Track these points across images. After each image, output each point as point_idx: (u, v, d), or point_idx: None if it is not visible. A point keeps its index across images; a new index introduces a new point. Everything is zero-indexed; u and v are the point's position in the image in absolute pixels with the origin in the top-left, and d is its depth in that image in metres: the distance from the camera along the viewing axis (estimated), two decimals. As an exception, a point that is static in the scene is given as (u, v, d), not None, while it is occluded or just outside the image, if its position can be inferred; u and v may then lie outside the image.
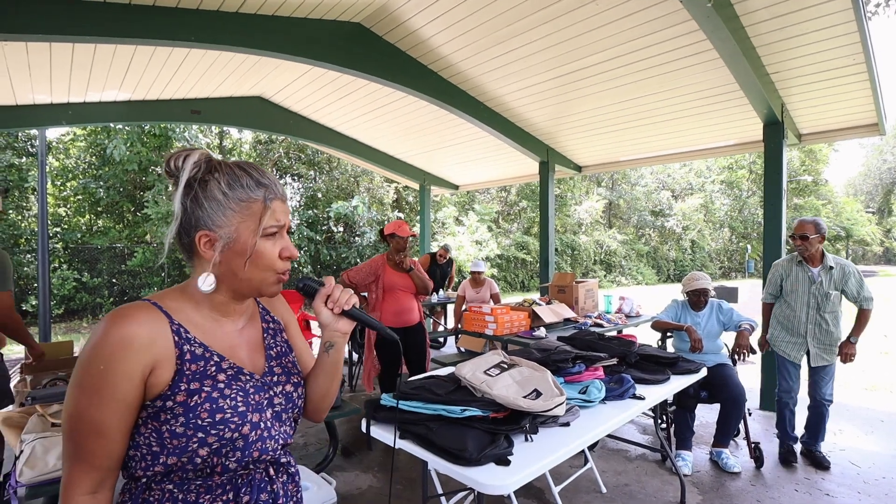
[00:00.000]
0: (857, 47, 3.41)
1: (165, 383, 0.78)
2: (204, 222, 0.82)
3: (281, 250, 0.86)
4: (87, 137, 11.52)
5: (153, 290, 11.32)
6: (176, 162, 0.83)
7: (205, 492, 0.82)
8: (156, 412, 0.78)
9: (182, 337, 0.81)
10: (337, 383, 1.01)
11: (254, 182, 0.84)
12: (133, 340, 0.75)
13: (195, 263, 0.86)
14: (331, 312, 0.92)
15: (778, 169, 4.39)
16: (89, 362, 0.74)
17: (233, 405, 0.81)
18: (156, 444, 0.78)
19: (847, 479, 3.08)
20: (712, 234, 28.58)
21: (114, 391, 0.74)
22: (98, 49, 3.78)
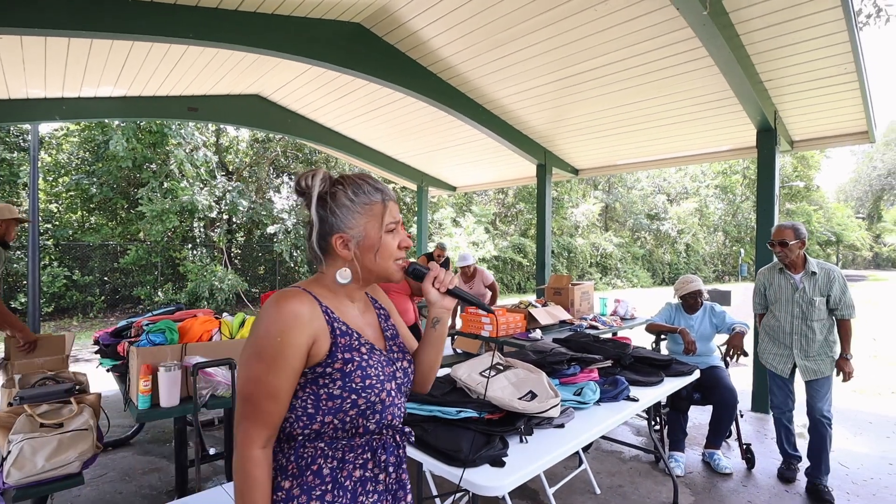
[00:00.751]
0: (849, 56, 3.46)
1: (324, 353, 0.94)
2: (338, 227, 0.98)
3: (399, 241, 1.02)
4: (81, 133, 11.42)
5: (146, 289, 11.25)
6: (306, 181, 0.99)
7: (349, 450, 0.97)
8: (315, 377, 0.93)
9: (331, 316, 0.97)
10: (441, 356, 1.16)
11: (372, 188, 1.01)
12: (300, 316, 0.91)
13: (327, 261, 1.02)
14: (437, 292, 1.07)
15: (770, 175, 4.44)
16: (267, 335, 0.89)
17: (376, 373, 0.97)
18: (311, 406, 0.93)
19: (836, 481, 3.12)
20: (706, 237, 28.77)
21: (288, 359, 0.90)
22: (94, 44, 3.76)
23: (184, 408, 2.26)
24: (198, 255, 12.21)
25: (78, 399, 2.32)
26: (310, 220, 0.99)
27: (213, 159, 12.28)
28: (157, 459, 3.39)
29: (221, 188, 12.25)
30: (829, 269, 2.95)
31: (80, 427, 2.14)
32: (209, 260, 12.25)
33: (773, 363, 3.12)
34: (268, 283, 13.72)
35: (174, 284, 11.83)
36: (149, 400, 2.21)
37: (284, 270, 13.79)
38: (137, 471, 3.20)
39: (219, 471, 3.14)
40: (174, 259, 11.93)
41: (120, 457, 3.42)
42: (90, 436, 2.14)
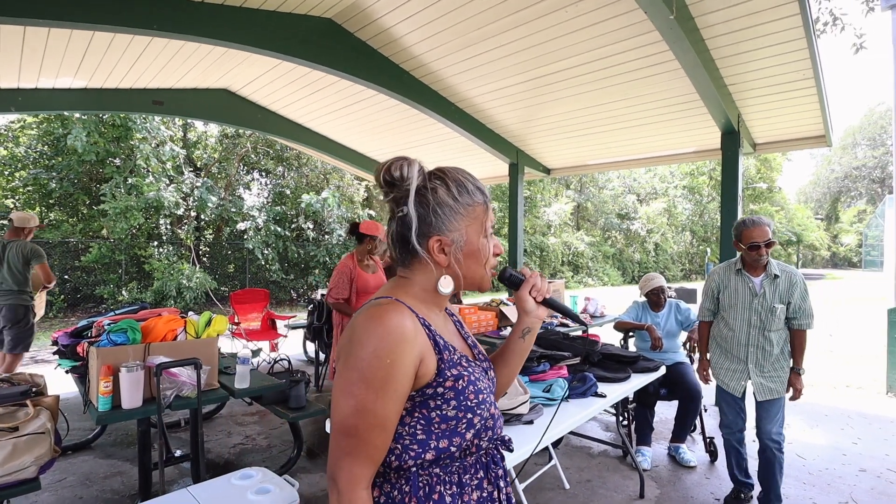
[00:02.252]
0: (807, 63, 3.61)
1: (432, 372, 0.83)
2: (438, 228, 0.87)
3: (493, 247, 0.93)
4: (40, 125, 10.91)
5: (109, 288, 10.85)
6: (401, 170, 0.86)
7: (463, 472, 0.87)
8: (424, 400, 0.83)
9: (430, 329, 0.86)
10: (520, 367, 1.09)
11: (475, 187, 0.90)
12: (407, 333, 0.80)
13: (414, 267, 0.90)
14: (534, 301, 0.98)
15: (734, 176, 4.59)
16: (375, 358, 0.77)
17: (482, 387, 0.88)
18: (422, 431, 0.83)
19: (793, 471, 3.26)
20: (675, 237, 29.59)
21: (398, 383, 0.78)
22: (52, 33, 3.60)
23: (146, 409, 2.20)
24: (164, 253, 11.84)
25: (34, 402, 2.22)
26: (404, 216, 0.87)
27: (180, 154, 11.91)
28: (119, 463, 3.28)
29: (189, 184, 11.91)
30: (791, 272, 2.57)
31: (36, 430, 2.06)
32: (176, 258, 11.90)
33: (725, 380, 2.68)
34: (238, 281, 13.43)
35: (139, 283, 11.44)
36: (110, 402, 2.14)
37: (254, 269, 13.52)
38: (99, 475, 3.09)
39: (184, 473, 3.06)
40: (139, 257, 11.53)
41: (80, 461, 3.30)
42: (47, 439, 2.06)
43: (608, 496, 2.89)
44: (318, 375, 5.27)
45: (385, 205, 0.93)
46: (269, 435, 3.82)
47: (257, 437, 3.77)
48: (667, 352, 3.53)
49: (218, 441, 3.67)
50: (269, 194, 14.64)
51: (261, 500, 1.77)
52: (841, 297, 16.45)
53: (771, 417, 2.55)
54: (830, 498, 2.91)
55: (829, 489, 3.02)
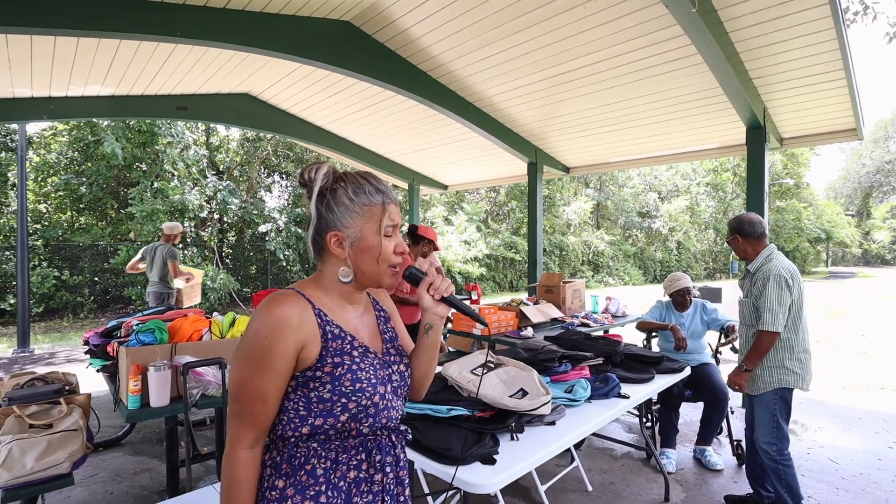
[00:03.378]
0: (837, 54, 3.49)
1: (314, 357, 0.94)
2: (334, 224, 0.97)
3: (395, 246, 1.01)
4: (70, 132, 11.28)
5: (137, 290, 11.15)
6: (309, 174, 0.98)
7: (342, 451, 0.97)
8: (305, 381, 0.93)
9: (323, 319, 0.96)
10: (435, 363, 1.15)
11: (374, 189, 0.99)
12: (289, 320, 0.91)
13: (325, 260, 1.02)
14: (432, 298, 1.04)
15: (760, 172, 4.47)
16: (256, 339, 0.90)
17: (367, 377, 0.97)
18: (303, 408, 0.94)
19: (826, 476, 3.15)
20: (697, 235, 28.98)
21: (274, 364, 0.90)
22: (80, 42, 3.72)
23: (174, 407, 2.24)
24: (189, 255, 12.11)
25: (67, 400, 2.30)
26: (309, 214, 0.99)
27: (203, 158, 12.18)
28: (148, 459, 3.36)
29: (212, 187, 12.16)
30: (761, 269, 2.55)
31: (69, 427, 2.13)
32: (200, 259, 12.16)
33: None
34: (259, 282, 13.65)
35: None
36: (139, 400, 2.19)
37: (276, 269, 13.73)
38: (128, 471, 3.18)
39: (210, 470, 3.12)
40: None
41: (111, 457, 3.40)
42: (80, 436, 2.13)
43: (632, 499, 2.85)
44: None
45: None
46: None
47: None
48: (692, 352, 3.46)
49: (242, 439, 3.74)
50: (289, 196, 14.84)
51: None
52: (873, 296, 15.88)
53: (756, 422, 2.56)
54: (865, 504, 2.81)
55: (864, 495, 2.92)
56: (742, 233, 2.62)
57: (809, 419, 4.26)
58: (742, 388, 2.57)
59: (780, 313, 2.41)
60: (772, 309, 2.42)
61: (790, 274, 2.46)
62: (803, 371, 2.47)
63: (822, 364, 6.30)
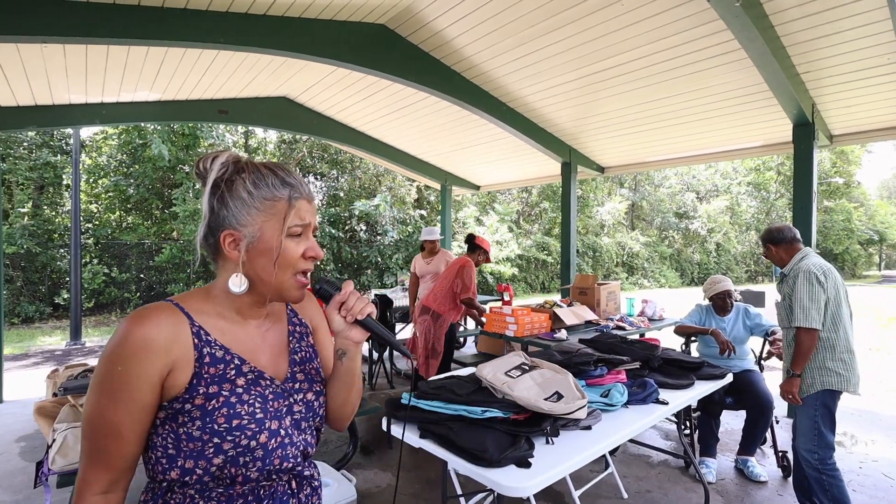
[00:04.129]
0: (892, 46, 3.30)
1: (183, 385, 0.77)
2: (229, 222, 0.81)
3: (305, 250, 0.84)
4: (119, 136, 11.87)
5: (179, 286, 11.62)
6: (205, 164, 0.82)
7: (226, 500, 0.80)
8: (173, 413, 0.77)
9: (202, 339, 0.80)
10: (356, 392, 0.97)
11: (279, 181, 0.83)
12: (151, 343, 0.75)
13: (220, 264, 0.85)
14: (343, 320, 0.87)
15: (808, 171, 4.27)
16: (109, 363, 0.74)
17: (250, 411, 0.80)
18: (172, 446, 0.77)
19: (879, 492, 2.98)
20: (738, 236, 27.91)
21: (131, 393, 0.74)
22: (131, 51, 3.91)
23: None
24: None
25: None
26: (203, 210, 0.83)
27: (242, 160, 12.58)
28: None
29: (250, 189, 12.54)
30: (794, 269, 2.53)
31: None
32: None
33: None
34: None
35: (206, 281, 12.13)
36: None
37: (311, 268, 14.03)
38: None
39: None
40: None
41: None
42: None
43: (669, 508, 2.77)
44: (371, 374, 5.39)
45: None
46: (326, 430, 3.95)
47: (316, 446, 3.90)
48: (734, 359, 3.33)
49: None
50: (323, 197, 15.15)
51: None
52: (933, 303, 14.91)
53: (797, 429, 2.48)
54: (925, 524, 2.64)
55: (923, 514, 2.75)
56: (773, 241, 2.62)
57: (860, 431, 4.04)
58: (796, 396, 2.44)
59: (813, 308, 2.34)
60: (803, 305, 2.36)
61: (822, 271, 2.40)
62: (848, 372, 2.36)
63: (875, 373, 5.95)
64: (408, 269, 14.36)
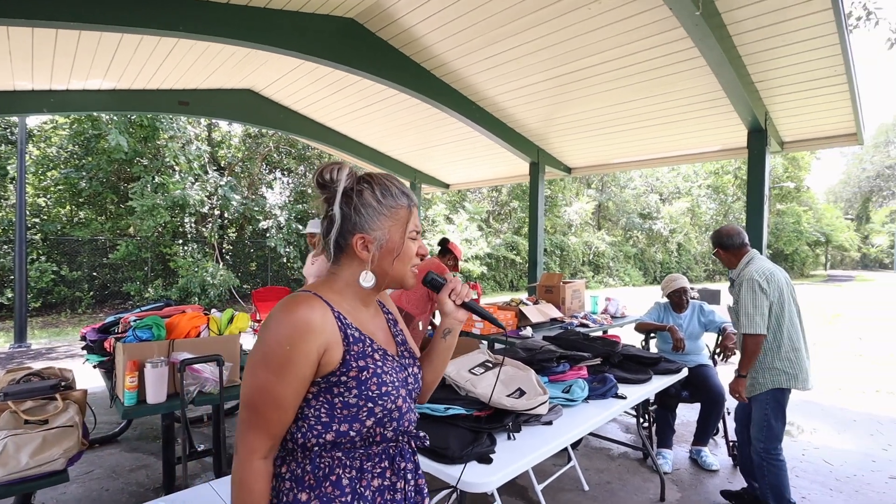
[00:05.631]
0: (839, 59, 3.49)
1: (337, 362, 0.91)
2: (361, 226, 0.95)
3: (418, 249, 1.01)
4: (71, 126, 11.27)
5: (136, 285, 11.15)
6: (331, 174, 0.95)
7: (366, 459, 0.94)
8: (329, 386, 0.90)
9: (343, 322, 0.93)
10: (445, 367, 1.16)
11: (399, 191, 0.99)
12: (313, 325, 0.88)
13: (342, 262, 0.99)
14: (453, 303, 1.06)
15: (760, 175, 4.47)
16: (276, 344, 0.86)
17: (390, 380, 0.95)
18: (325, 415, 0.90)
19: (820, 477, 3.16)
20: (698, 237, 28.98)
21: (297, 369, 0.86)
22: (82, 36, 3.71)
23: (171, 404, 2.25)
24: (189, 251, 12.11)
25: (63, 395, 2.29)
26: (330, 215, 0.96)
27: (205, 154, 12.17)
28: (144, 456, 3.37)
29: (213, 183, 12.15)
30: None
31: (65, 424, 2.12)
32: (201, 256, 12.16)
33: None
34: (260, 279, 13.65)
35: (164, 280, 11.73)
36: (135, 396, 2.19)
37: (276, 266, 13.73)
38: (125, 468, 3.18)
39: (207, 467, 3.12)
40: (164, 255, 11.82)
41: (107, 454, 3.40)
42: (75, 432, 2.12)
43: (628, 498, 2.85)
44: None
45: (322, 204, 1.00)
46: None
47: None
48: (689, 353, 3.46)
49: (239, 436, 3.74)
50: (290, 193, 14.84)
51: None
52: (871, 300, 15.90)
53: (752, 419, 2.60)
54: (860, 507, 2.82)
55: (857, 496, 2.93)
56: (722, 245, 2.74)
57: (805, 421, 4.27)
58: (742, 395, 2.59)
59: (757, 315, 2.45)
60: (747, 313, 2.48)
61: (764, 277, 2.49)
62: (794, 370, 2.47)
63: (819, 367, 6.30)
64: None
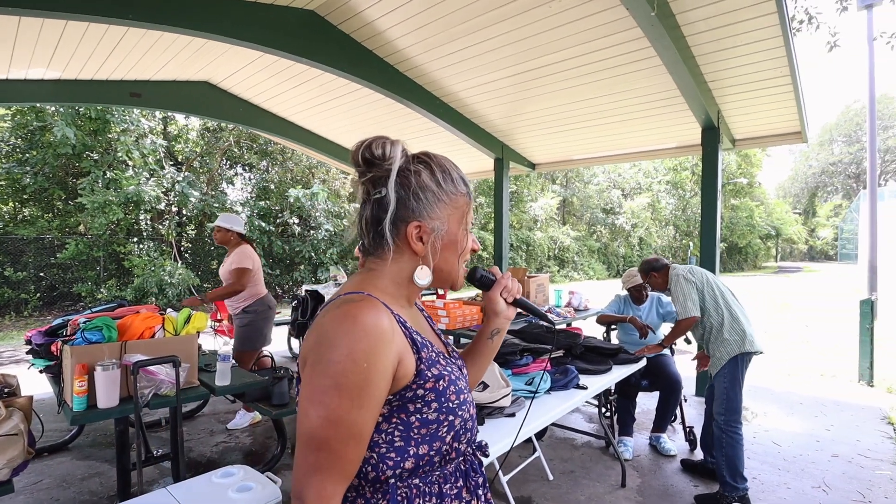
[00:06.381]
0: (784, 61, 3.67)
1: (412, 373, 0.76)
2: (419, 213, 0.80)
3: (472, 242, 0.88)
4: (13, 118, 10.59)
5: (87, 286, 10.61)
6: (384, 148, 0.79)
7: (443, 481, 0.81)
8: (403, 404, 0.76)
9: (405, 326, 0.79)
10: (487, 368, 1.06)
11: (460, 178, 0.86)
12: (385, 332, 0.72)
13: (386, 254, 0.82)
14: (504, 302, 0.96)
15: (714, 171, 4.66)
16: (351, 361, 0.68)
17: (464, 386, 0.83)
18: (400, 438, 0.76)
19: (769, 458, 3.35)
20: (658, 231, 29.95)
21: (375, 389, 0.70)
22: (22, 21, 3.49)
23: (123, 408, 2.16)
24: (145, 249, 11.61)
25: (7, 402, 2.17)
26: (381, 198, 0.79)
27: (160, 148, 11.67)
28: (97, 464, 3.22)
29: (170, 179, 11.68)
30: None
31: (8, 432, 2.01)
32: (157, 254, 11.68)
33: None
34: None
35: (119, 280, 11.21)
36: (85, 401, 2.10)
37: (239, 265, 13.33)
38: (76, 476, 3.04)
39: (165, 472, 3.02)
40: (118, 253, 11.29)
41: (57, 462, 3.24)
42: (20, 441, 2.01)
43: (591, 486, 2.94)
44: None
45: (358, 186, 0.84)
46: (252, 432, 3.79)
47: (240, 435, 3.74)
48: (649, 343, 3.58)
49: (200, 440, 3.63)
50: (252, 189, 14.43)
51: (242, 497, 1.75)
52: (817, 289, 16.86)
53: (714, 395, 2.82)
54: (804, 483, 2.99)
55: (803, 474, 3.11)
56: (655, 269, 3.06)
57: (756, 405, 4.50)
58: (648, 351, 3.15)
59: (688, 301, 2.80)
60: (680, 301, 2.84)
61: (686, 270, 2.92)
62: (739, 336, 2.73)
63: (769, 354, 6.64)
64: (343, 264, 14.05)
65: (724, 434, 2.70)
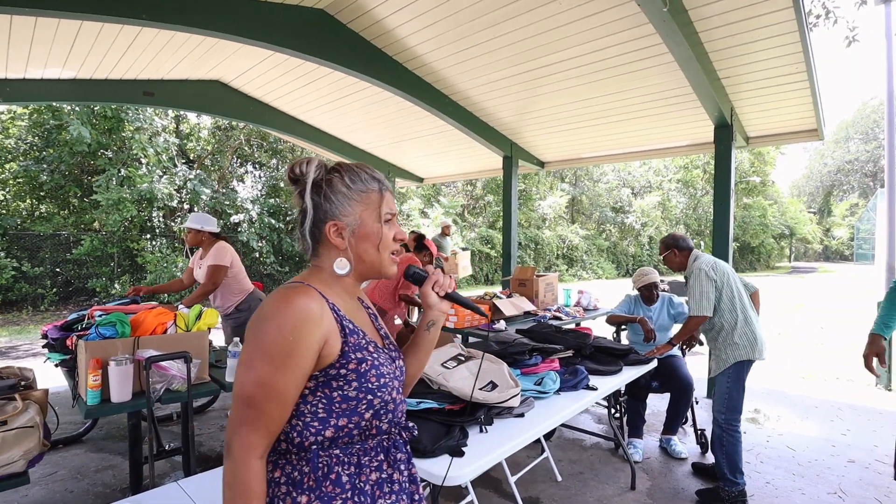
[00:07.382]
0: (800, 57, 3.61)
1: (336, 354, 0.89)
2: (332, 213, 0.95)
3: (395, 233, 1.00)
4: (30, 117, 10.76)
5: (102, 281, 10.77)
6: (300, 168, 0.96)
7: (363, 454, 0.93)
8: (327, 380, 0.89)
9: (338, 313, 0.92)
10: (428, 360, 1.16)
11: (369, 176, 0.98)
12: (312, 314, 0.86)
13: (321, 253, 0.98)
14: (437, 295, 1.06)
15: (727, 170, 4.60)
16: (278, 334, 0.83)
17: (387, 372, 0.95)
18: (323, 410, 0.89)
19: (783, 462, 3.30)
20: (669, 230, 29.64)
21: (299, 360, 0.84)
22: (39, 22, 3.54)
23: (136, 403, 2.19)
24: (157, 246, 11.75)
25: (23, 395, 2.21)
26: (303, 207, 0.96)
27: (173, 146, 11.80)
28: (111, 456, 3.27)
29: (182, 176, 11.80)
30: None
31: (24, 424, 2.04)
32: (170, 250, 11.81)
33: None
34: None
35: (132, 276, 11.37)
36: (99, 395, 2.13)
37: (249, 261, 13.45)
38: (90, 468, 3.09)
39: (176, 466, 3.06)
40: (132, 250, 11.44)
41: (71, 454, 3.29)
42: (36, 433, 2.05)
43: (599, 488, 2.92)
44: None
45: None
46: (262, 428, 3.81)
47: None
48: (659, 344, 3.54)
49: (210, 434, 3.67)
50: (262, 187, 14.54)
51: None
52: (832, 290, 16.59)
53: (715, 395, 2.82)
54: (819, 489, 2.95)
55: (818, 480, 3.06)
56: (678, 247, 3.00)
57: (769, 408, 4.44)
58: (662, 353, 3.13)
59: (703, 299, 2.75)
60: (695, 297, 2.79)
61: (710, 266, 2.82)
62: (749, 342, 2.71)
63: (783, 356, 6.55)
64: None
65: (724, 433, 2.72)
